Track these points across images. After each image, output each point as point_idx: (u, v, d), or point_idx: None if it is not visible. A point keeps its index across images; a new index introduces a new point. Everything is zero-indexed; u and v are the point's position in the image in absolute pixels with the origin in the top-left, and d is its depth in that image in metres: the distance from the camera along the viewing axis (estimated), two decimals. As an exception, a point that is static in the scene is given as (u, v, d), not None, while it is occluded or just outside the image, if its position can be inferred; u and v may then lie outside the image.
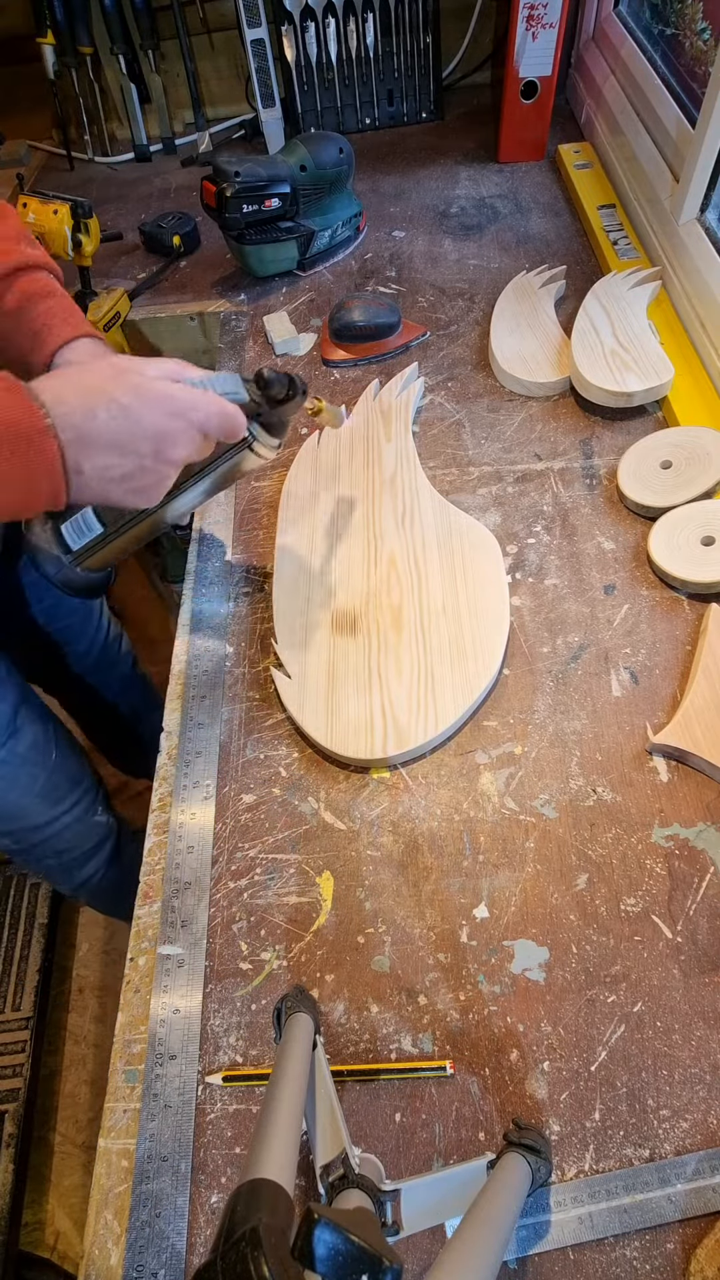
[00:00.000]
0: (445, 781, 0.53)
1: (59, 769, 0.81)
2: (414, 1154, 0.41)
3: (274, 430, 0.55)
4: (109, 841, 0.93)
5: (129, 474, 0.45)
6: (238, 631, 0.64)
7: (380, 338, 0.82)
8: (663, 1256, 0.37)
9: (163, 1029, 0.45)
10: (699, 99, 0.78)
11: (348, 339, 0.83)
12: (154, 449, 0.45)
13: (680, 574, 0.58)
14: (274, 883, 0.50)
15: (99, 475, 0.44)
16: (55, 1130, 1.15)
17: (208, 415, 0.46)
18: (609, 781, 0.52)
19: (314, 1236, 0.23)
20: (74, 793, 0.84)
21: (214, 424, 0.47)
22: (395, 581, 0.62)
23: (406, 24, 1.09)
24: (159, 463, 0.45)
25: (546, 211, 0.99)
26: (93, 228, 0.87)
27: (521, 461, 0.71)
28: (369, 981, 0.46)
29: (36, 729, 0.78)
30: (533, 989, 0.45)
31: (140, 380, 0.44)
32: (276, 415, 0.54)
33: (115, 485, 0.45)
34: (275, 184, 0.85)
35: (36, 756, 0.78)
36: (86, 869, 0.93)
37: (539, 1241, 0.38)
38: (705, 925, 0.46)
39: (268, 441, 0.54)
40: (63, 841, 0.87)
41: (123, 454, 0.44)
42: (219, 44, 1.20)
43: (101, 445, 0.43)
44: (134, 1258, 0.39)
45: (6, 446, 0.39)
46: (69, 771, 0.83)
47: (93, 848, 0.91)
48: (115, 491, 0.45)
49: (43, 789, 0.80)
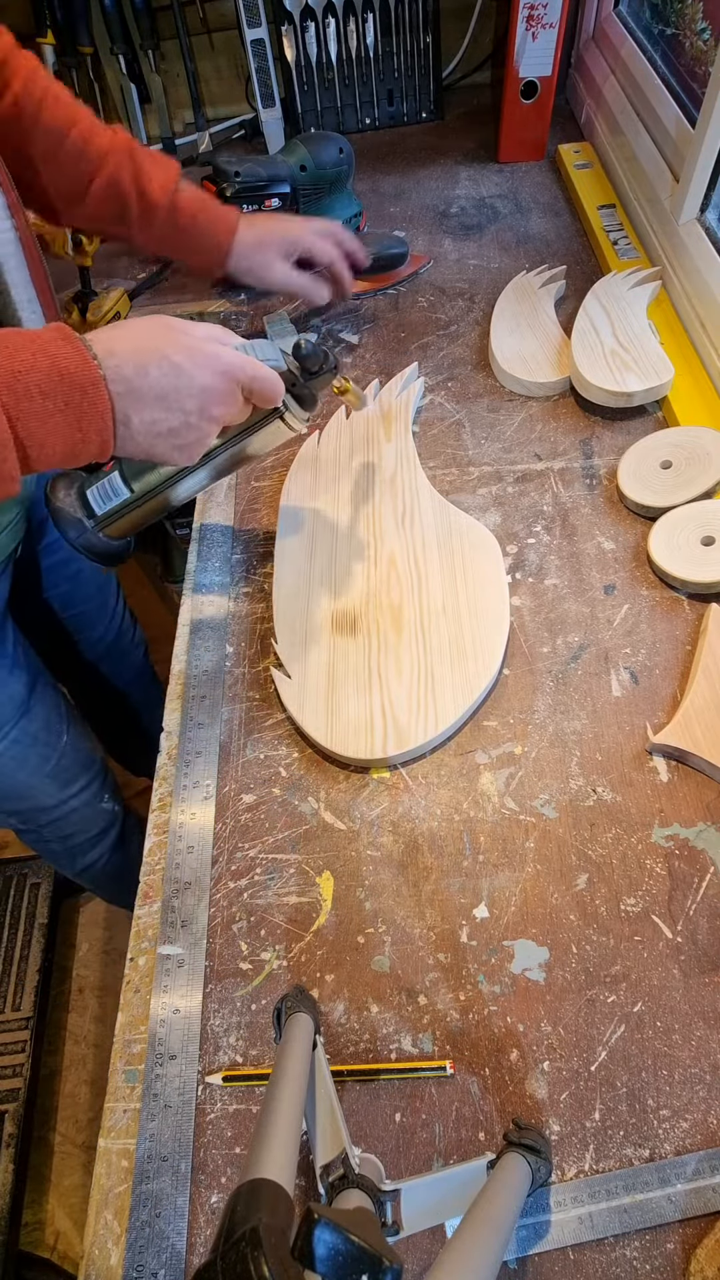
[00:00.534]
0: (445, 781, 0.53)
1: (70, 751, 0.81)
2: (414, 1154, 0.41)
3: (304, 403, 0.56)
4: (114, 828, 0.94)
5: (174, 429, 0.46)
6: (238, 631, 0.64)
7: (392, 268, 0.91)
8: (663, 1256, 0.37)
9: (163, 1029, 0.45)
10: (699, 99, 0.78)
11: (364, 272, 0.88)
12: (199, 405, 0.46)
13: (680, 574, 0.58)
14: (274, 883, 0.50)
15: (146, 429, 0.45)
16: (55, 1130, 1.15)
17: (252, 377, 0.48)
18: (609, 781, 0.52)
19: (314, 1236, 0.23)
20: (83, 776, 0.85)
21: (256, 387, 0.49)
22: (395, 581, 0.62)
23: (406, 24, 1.09)
24: (203, 420, 0.47)
25: (546, 211, 0.99)
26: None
27: (521, 461, 0.71)
28: (369, 981, 0.46)
29: (50, 710, 0.78)
30: (533, 989, 0.45)
31: (190, 340, 0.45)
32: (308, 388, 0.56)
33: (160, 440, 0.46)
34: (275, 184, 0.85)
35: (49, 737, 0.78)
36: (91, 854, 0.93)
37: (539, 1241, 0.38)
38: (705, 925, 0.46)
39: (299, 413, 0.55)
40: (70, 825, 0.87)
41: (169, 409, 0.45)
42: (219, 44, 1.20)
43: (150, 399, 0.44)
44: (134, 1258, 0.39)
45: (62, 396, 0.40)
46: (80, 755, 0.84)
47: (99, 833, 0.92)
48: (160, 446, 0.46)
49: (53, 770, 0.80)
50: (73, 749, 0.82)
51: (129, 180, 0.66)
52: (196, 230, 0.69)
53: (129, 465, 0.56)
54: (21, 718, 0.74)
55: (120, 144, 0.66)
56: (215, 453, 0.56)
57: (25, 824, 0.86)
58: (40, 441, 0.41)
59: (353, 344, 0.85)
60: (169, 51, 1.18)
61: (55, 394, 0.40)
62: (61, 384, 0.40)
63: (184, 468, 0.55)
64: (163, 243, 0.70)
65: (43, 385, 0.39)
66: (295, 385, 0.55)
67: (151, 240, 0.70)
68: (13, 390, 0.39)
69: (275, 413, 0.54)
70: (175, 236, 0.70)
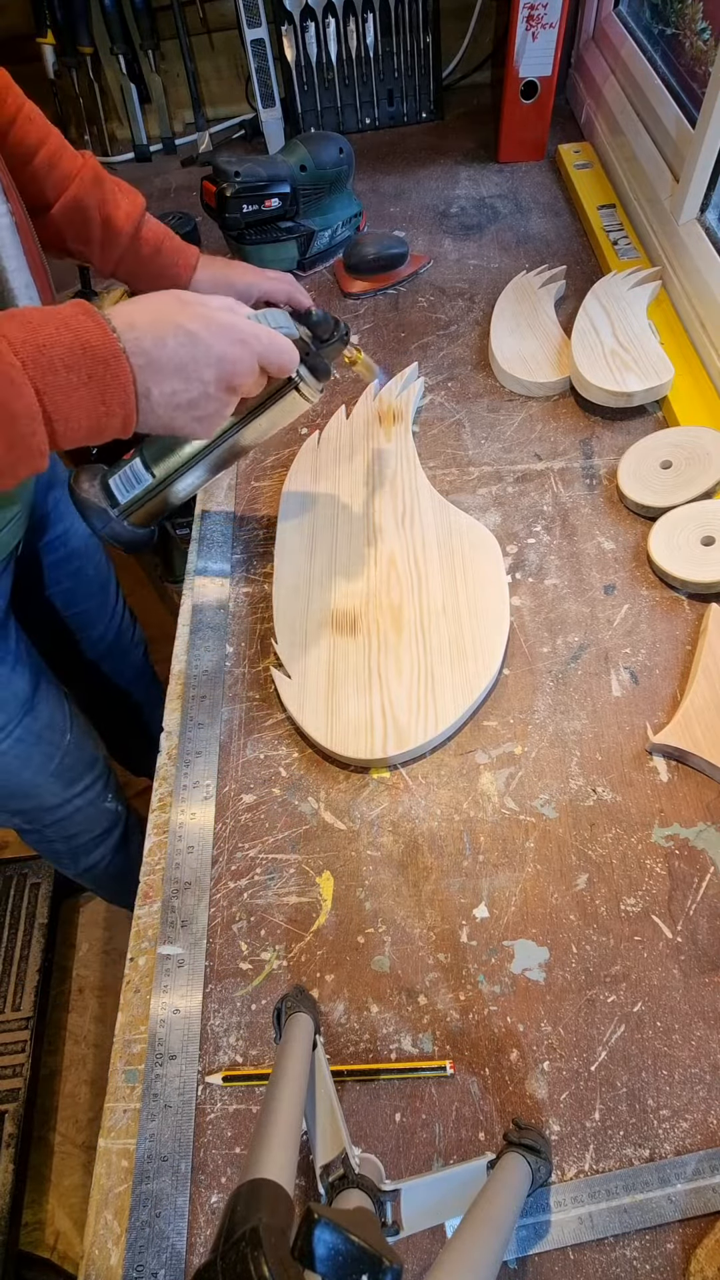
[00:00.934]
0: (445, 781, 0.53)
1: (74, 750, 0.81)
2: (414, 1154, 0.41)
3: (318, 373, 0.56)
4: (118, 828, 0.94)
5: (194, 400, 0.46)
6: (238, 631, 0.64)
7: (392, 267, 0.91)
8: (663, 1256, 0.37)
9: (163, 1029, 0.45)
10: (699, 99, 0.78)
11: (365, 271, 0.90)
12: (217, 375, 0.46)
13: (680, 574, 0.58)
14: (274, 883, 0.50)
15: (166, 401, 0.45)
16: (55, 1130, 1.15)
17: (268, 346, 0.48)
18: (609, 781, 0.52)
19: (314, 1236, 0.23)
20: (87, 776, 0.85)
21: (272, 356, 0.49)
22: (395, 581, 0.62)
23: (406, 24, 1.09)
24: (221, 390, 0.47)
25: (546, 211, 0.99)
26: (93, 228, 0.87)
27: (521, 461, 0.71)
28: (369, 981, 0.46)
29: (54, 708, 0.78)
30: (533, 989, 0.45)
31: (205, 310, 0.46)
32: (320, 358, 0.56)
33: (181, 412, 0.46)
34: (275, 184, 0.85)
35: (53, 736, 0.78)
36: (94, 855, 0.93)
37: (539, 1241, 0.38)
38: (705, 925, 0.46)
39: (312, 383, 0.55)
40: (74, 825, 0.87)
41: (188, 380, 0.45)
42: (219, 44, 1.20)
43: (170, 371, 0.44)
44: (134, 1258, 0.39)
45: (85, 370, 0.40)
46: (84, 754, 0.84)
47: (102, 833, 0.92)
48: (180, 418, 0.47)
49: (57, 769, 0.80)
50: (76, 748, 0.82)
51: (94, 203, 0.66)
52: (158, 262, 0.70)
53: (149, 450, 0.56)
54: (25, 715, 0.74)
55: (89, 168, 0.66)
56: (231, 431, 0.56)
57: (29, 824, 0.86)
58: (66, 415, 0.41)
59: (352, 344, 0.85)
60: (169, 51, 1.18)
61: (79, 367, 0.40)
62: (85, 357, 0.40)
63: (202, 450, 0.55)
64: (122, 268, 0.70)
65: (66, 359, 0.40)
66: (308, 355, 0.54)
67: (110, 264, 0.70)
68: (38, 364, 0.39)
69: (290, 384, 0.54)
70: (136, 264, 0.70)
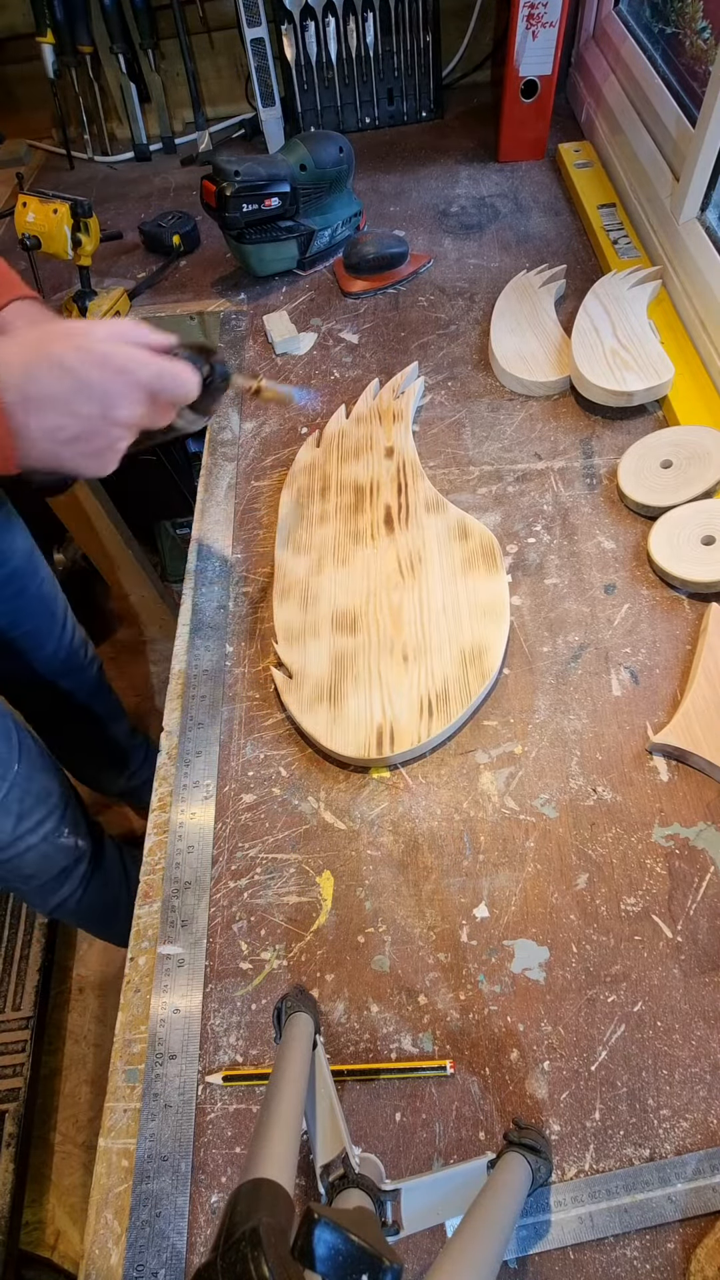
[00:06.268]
0: (445, 781, 0.53)
1: (21, 783, 0.77)
2: (414, 1154, 0.41)
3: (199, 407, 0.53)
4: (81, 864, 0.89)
5: (78, 435, 0.44)
6: (238, 631, 0.64)
7: (392, 267, 0.91)
8: (663, 1256, 0.37)
9: (163, 1028, 0.45)
10: (699, 98, 0.78)
11: (365, 271, 0.90)
12: (100, 410, 0.44)
13: (680, 574, 0.58)
14: (274, 882, 0.50)
15: (48, 436, 0.43)
16: (55, 1130, 1.15)
17: (155, 374, 0.46)
18: (609, 781, 0.52)
19: (314, 1236, 0.23)
20: (38, 810, 0.80)
21: (166, 383, 0.47)
22: (395, 581, 0.62)
23: (406, 23, 1.09)
24: (108, 424, 0.45)
25: (546, 211, 0.99)
26: (92, 227, 0.87)
27: (521, 461, 0.71)
28: (369, 981, 0.46)
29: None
30: (533, 988, 0.45)
31: (84, 341, 0.44)
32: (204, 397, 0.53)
33: (66, 447, 0.45)
34: (275, 183, 0.85)
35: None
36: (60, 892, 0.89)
37: (539, 1241, 0.38)
38: (705, 925, 0.46)
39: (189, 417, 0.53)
40: (28, 865, 0.82)
41: (70, 414, 0.43)
42: (219, 43, 1.20)
43: (46, 405, 0.42)
44: (134, 1257, 0.39)
45: None
46: (33, 786, 0.79)
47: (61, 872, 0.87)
48: (66, 454, 0.45)
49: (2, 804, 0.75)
50: (25, 779, 0.77)
51: None
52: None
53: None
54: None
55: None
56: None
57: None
58: None
59: (353, 343, 0.85)
60: (169, 51, 1.18)
61: None
62: None
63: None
64: None
65: None
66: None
67: None
68: None
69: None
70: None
